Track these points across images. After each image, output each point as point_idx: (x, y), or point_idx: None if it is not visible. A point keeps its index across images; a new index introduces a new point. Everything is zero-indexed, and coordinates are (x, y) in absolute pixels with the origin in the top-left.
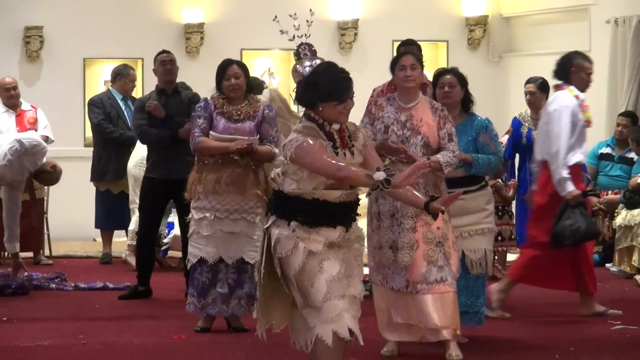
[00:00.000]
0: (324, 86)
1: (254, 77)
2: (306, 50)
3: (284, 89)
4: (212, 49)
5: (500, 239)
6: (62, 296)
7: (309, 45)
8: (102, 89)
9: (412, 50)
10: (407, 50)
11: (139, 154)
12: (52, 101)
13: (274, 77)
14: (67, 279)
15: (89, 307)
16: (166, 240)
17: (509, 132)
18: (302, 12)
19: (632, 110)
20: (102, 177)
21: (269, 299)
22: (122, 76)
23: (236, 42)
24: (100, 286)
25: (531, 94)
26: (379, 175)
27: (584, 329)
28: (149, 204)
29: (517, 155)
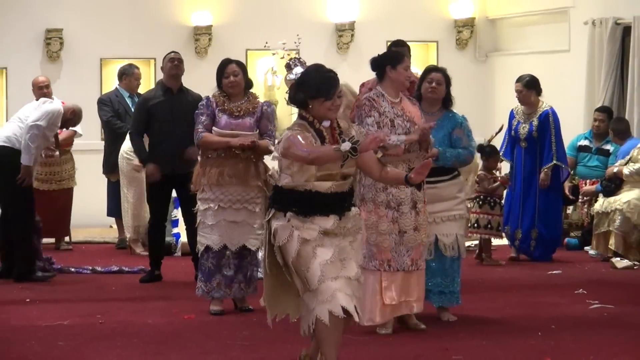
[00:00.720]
0: (312, 84)
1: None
2: (297, 62)
3: (284, 87)
4: (220, 50)
5: (489, 227)
6: (81, 279)
7: (299, 58)
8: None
9: (406, 51)
10: (405, 52)
11: (126, 145)
12: (71, 98)
13: (276, 76)
14: (54, 263)
15: (106, 289)
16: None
17: (502, 128)
18: (302, 15)
19: (608, 105)
20: (113, 169)
21: (279, 292)
22: (128, 75)
23: (242, 43)
24: (116, 269)
25: (519, 92)
26: (345, 145)
27: (564, 308)
28: (157, 197)
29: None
